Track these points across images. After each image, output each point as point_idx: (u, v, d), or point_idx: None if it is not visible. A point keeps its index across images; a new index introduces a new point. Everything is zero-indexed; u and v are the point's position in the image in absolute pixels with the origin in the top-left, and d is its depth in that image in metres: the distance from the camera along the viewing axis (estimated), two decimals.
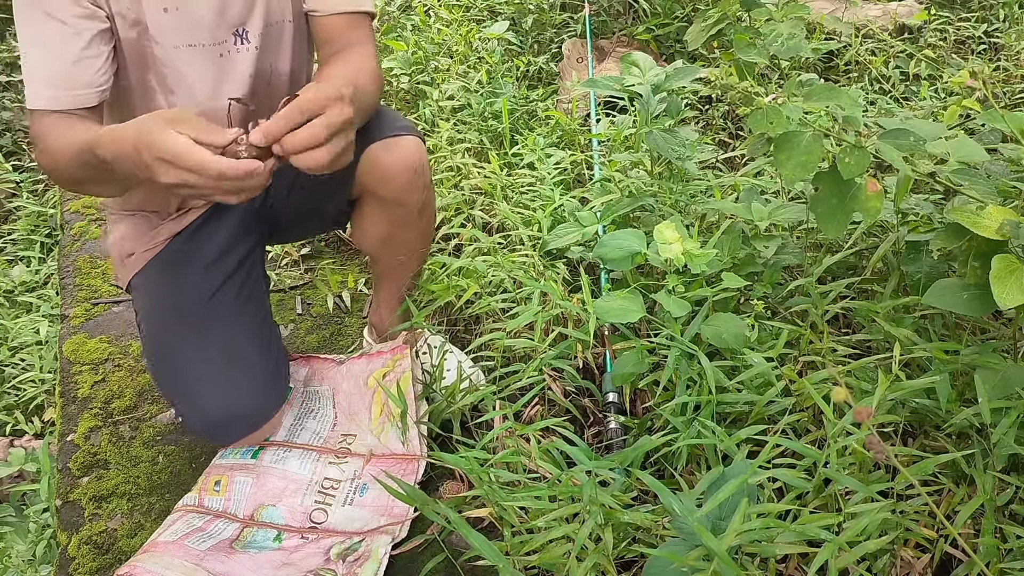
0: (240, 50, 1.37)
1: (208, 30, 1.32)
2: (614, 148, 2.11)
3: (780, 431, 1.22)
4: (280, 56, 1.44)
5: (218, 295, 1.47)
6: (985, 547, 1.07)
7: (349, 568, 1.30)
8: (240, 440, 1.49)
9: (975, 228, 1.09)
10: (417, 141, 1.47)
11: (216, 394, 1.41)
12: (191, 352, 1.42)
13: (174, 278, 1.49)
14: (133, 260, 1.52)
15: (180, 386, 1.43)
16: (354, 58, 1.37)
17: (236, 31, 1.35)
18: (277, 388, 1.50)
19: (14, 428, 1.97)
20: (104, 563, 1.44)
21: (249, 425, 1.46)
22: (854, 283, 1.51)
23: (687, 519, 1.01)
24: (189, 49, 1.32)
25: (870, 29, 2.76)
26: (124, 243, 1.53)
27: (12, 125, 3.16)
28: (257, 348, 1.47)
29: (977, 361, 1.19)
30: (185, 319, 1.45)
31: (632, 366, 1.39)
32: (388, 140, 1.43)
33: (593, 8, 2.96)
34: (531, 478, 1.29)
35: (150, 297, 1.50)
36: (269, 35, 1.40)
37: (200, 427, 1.44)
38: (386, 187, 1.45)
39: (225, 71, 1.37)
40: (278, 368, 1.51)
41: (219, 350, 1.43)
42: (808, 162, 1.26)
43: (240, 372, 1.43)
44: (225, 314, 1.46)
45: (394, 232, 1.54)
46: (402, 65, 2.70)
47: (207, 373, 1.41)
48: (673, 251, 1.38)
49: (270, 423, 1.50)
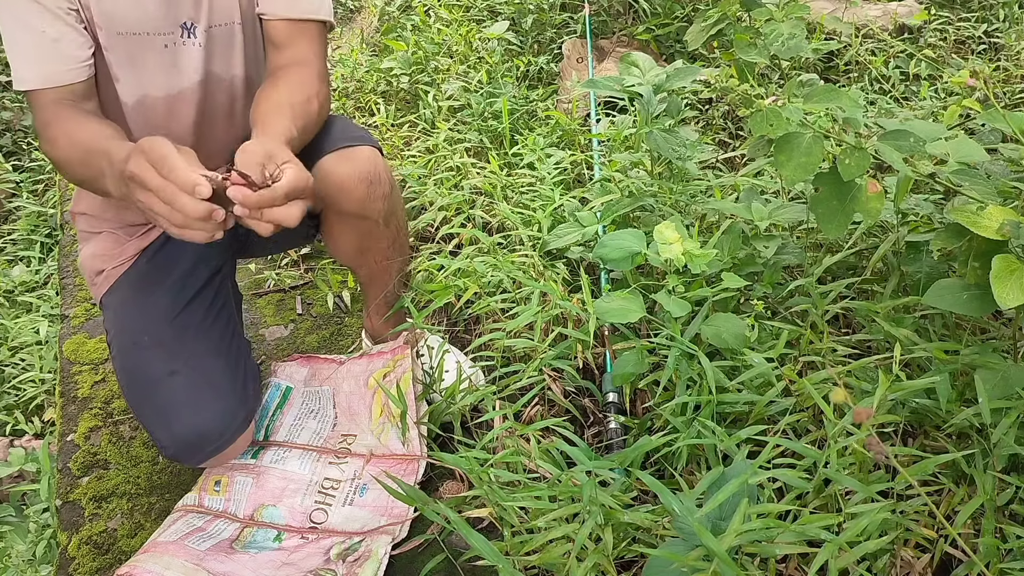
0: (187, 44, 1.35)
1: (153, 21, 1.31)
2: (614, 148, 2.11)
3: (780, 431, 1.22)
4: (232, 60, 1.41)
5: (186, 311, 1.45)
6: (985, 547, 1.07)
7: (349, 568, 1.30)
8: (208, 462, 1.44)
9: (975, 228, 1.09)
10: (372, 151, 1.43)
11: (184, 413, 1.37)
12: (160, 370, 1.39)
13: (143, 295, 1.47)
14: (103, 277, 1.50)
15: (150, 406, 1.39)
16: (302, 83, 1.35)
17: (184, 24, 1.33)
18: (244, 407, 1.45)
19: (14, 428, 1.97)
20: (104, 563, 1.44)
21: (217, 444, 1.41)
22: (854, 283, 1.51)
23: (687, 519, 1.01)
24: (133, 38, 1.31)
25: (870, 29, 2.76)
26: (94, 261, 1.52)
27: (12, 125, 3.16)
28: (224, 365, 1.44)
29: (977, 361, 1.19)
30: (154, 336, 1.42)
31: (632, 366, 1.39)
32: (341, 151, 1.39)
33: (593, 8, 2.96)
34: (531, 478, 1.29)
35: (119, 315, 1.47)
36: (216, 37, 1.37)
37: (171, 448, 1.39)
38: (344, 200, 1.41)
39: (169, 64, 1.35)
40: (246, 386, 1.47)
41: (187, 367, 1.39)
42: (808, 163, 1.26)
43: (208, 390, 1.39)
44: (194, 331, 1.44)
45: (364, 243, 1.51)
46: (402, 65, 2.70)
47: (175, 391, 1.37)
48: (673, 251, 1.38)
49: (239, 441, 1.45)
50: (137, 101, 1.37)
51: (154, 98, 1.37)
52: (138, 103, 1.37)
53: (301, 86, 1.34)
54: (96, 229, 1.54)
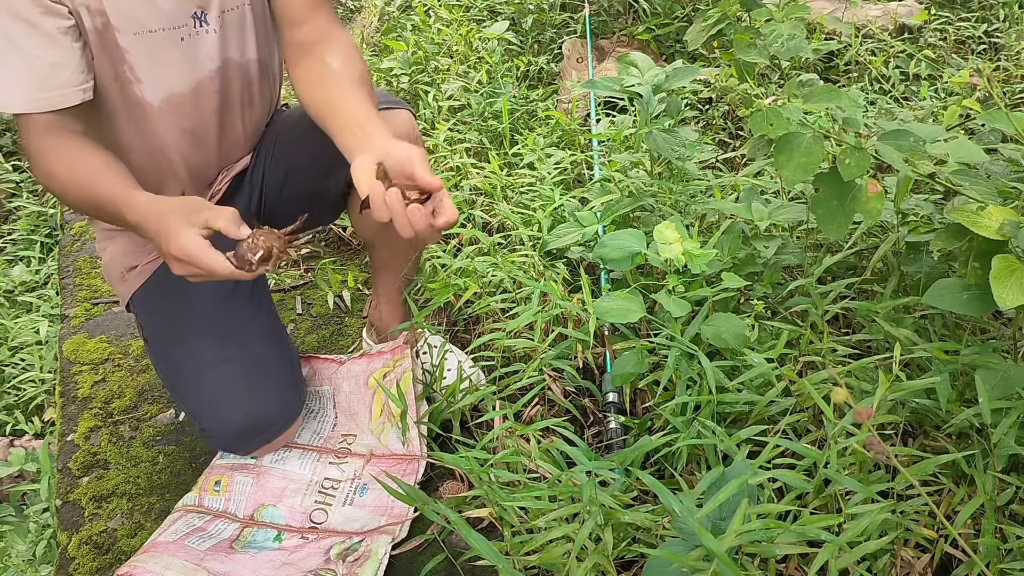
0: (200, 33, 1.33)
1: (167, 15, 1.29)
2: (614, 148, 2.11)
3: (780, 431, 1.22)
4: (246, 43, 1.39)
5: (233, 297, 1.44)
6: (985, 547, 1.07)
7: (349, 568, 1.30)
8: (263, 448, 1.45)
9: (975, 228, 1.09)
10: (408, 114, 1.45)
11: (240, 399, 1.37)
12: (210, 359, 1.39)
13: (185, 285, 1.47)
14: (136, 273, 1.49)
15: (201, 396, 1.39)
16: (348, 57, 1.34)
17: (195, 14, 1.32)
18: (297, 390, 1.47)
19: (14, 428, 1.97)
20: (104, 563, 1.44)
21: (274, 429, 1.42)
22: (854, 283, 1.51)
23: (687, 519, 1.01)
24: (150, 35, 1.29)
25: (870, 29, 2.76)
26: (124, 258, 1.50)
27: (12, 125, 3.16)
28: (275, 349, 1.45)
29: (977, 361, 1.19)
30: (202, 324, 1.41)
31: (632, 366, 1.39)
32: (382, 112, 1.38)
33: (593, 8, 2.96)
34: (531, 478, 1.29)
35: (158, 309, 1.46)
36: (229, 20, 1.35)
37: (226, 438, 1.39)
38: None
39: (189, 56, 1.33)
40: (294, 369, 1.49)
41: (240, 353, 1.39)
42: (808, 163, 1.26)
43: (263, 375, 1.40)
44: (242, 316, 1.44)
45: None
46: (402, 65, 2.70)
47: (229, 378, 1.38)
48: (673, 251, 1.38)
49: (292, 427, 1.46)
50: (164, 100, 1.35)
51: (180, 94, 1.35)
52: (165, 102, 1.35)
53: (349, 60, 1.33)
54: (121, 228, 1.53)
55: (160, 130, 1.37)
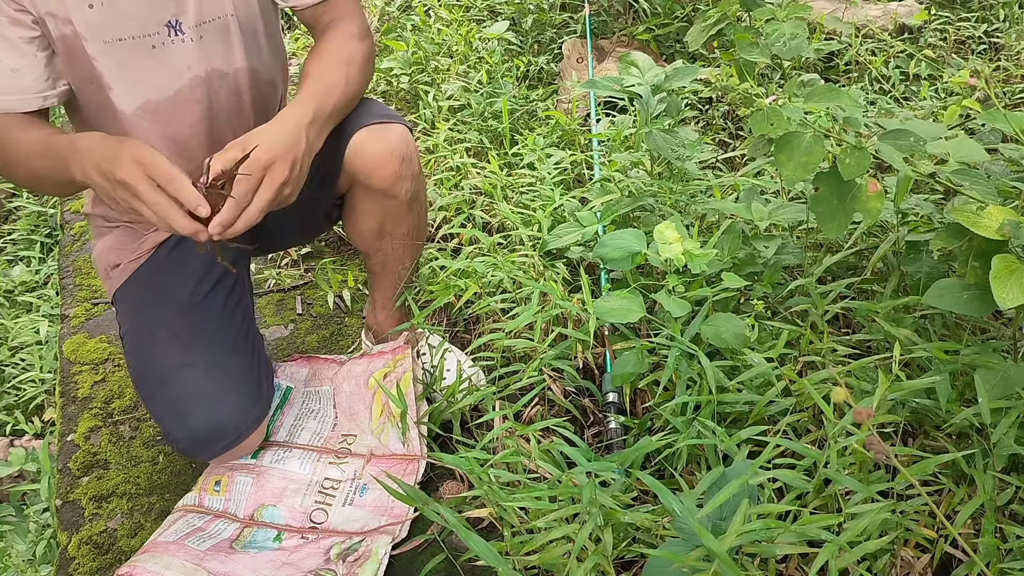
0: (176, 42, 1.32)
1: (137, 22, 1.29)
2: (614, 148, 2.11)
3: (780, 431, 1.22)
4: (232, 53, 1.39)
5: (205, 302, 1.44)
6: (985, 547, 1.07)
7: (349, 568, 1.30)
8: (221, 456, 1.43)
9: (975, 228, 1.09)
10: (404, 129, 1.45)
11: (200, 406, 1.35)
12: (175, 362, 1.38)
13: (160, 287, 1.46)
14: (118, 271, 1.50)
15: (164, 399, 1.37)
16: (339, 50, 1.38)
17: (169, 23, 1.31)
18: (259, 402, 1.44)
19: (14, 428, 1.97)
20: (104, 563, 1.44)
21: (232, 439, 1.40)
22: (854, 283, 1.51)
23: (687, 519, 1.01)
24: (119, 44, 1.29)
25: (870, 29, 2.76)
26: (109, 255, 1.51)
27: None
28: (241, 359, 1.43)
29: (977, 361, 1.19)
30: (171, 328, 1.41)
31: (632, 366, 1.39)
32: (374, 127, 1.41)
33: (593, 8, 2.96)
34: (531, 478, 1.29)
35: (135, 308, 1.46)
36: (210, 31, 1.35)
37: (183, 442, 1.37)
38: (374, 176, 1.43)
39: (163, 64, 1.33)
40: (260, 381, 1.46)
41: (204, 360, 1.38)
42: (809, 163, 1.26)
43: (224, 384, 1.38)
44: (212, 322, 1.43)
45: (385, 226, 1.52)
46: (402, 65, 2.70)
47: (191, 384, 1.36)
48: (673, 251, 1.38)
49: (254, 435, 1.44)
50: (139, 107, 1.35)
51: (156, 102, 1.35)
52: (140, 109, 1.35)
53: (344, 39, 1.39)
54: (114, 223, 1.53)
55: (137, 136, 1.36)
